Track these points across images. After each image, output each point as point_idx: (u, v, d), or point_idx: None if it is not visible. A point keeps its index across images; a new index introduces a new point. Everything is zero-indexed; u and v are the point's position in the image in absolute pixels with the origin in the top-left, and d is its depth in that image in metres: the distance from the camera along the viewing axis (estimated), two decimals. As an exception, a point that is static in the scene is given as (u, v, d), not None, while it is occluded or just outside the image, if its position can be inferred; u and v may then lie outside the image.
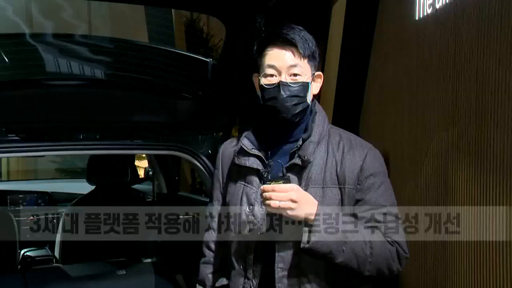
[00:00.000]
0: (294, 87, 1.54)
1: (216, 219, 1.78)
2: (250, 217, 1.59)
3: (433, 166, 2.22)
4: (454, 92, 2.06)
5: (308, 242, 1.46)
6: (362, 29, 2.90)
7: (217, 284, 1.74)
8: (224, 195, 1.73)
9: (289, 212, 1.45)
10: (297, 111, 1.56)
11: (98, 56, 2.58)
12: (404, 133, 2.50)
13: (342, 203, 1.56)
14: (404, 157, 2.49)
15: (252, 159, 1.61)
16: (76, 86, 2.53)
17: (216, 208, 1.78)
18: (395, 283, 2.47)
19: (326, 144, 1.60)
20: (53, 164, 7.52)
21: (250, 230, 1.59)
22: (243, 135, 1.68)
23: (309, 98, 1.59)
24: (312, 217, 1.46)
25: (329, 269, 1.54)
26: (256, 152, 1.61)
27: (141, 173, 5.32)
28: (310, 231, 1.46)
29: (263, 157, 1.60)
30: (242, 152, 1.63)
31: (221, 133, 2.82)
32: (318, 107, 1.67)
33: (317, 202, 1.49)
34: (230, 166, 1.70)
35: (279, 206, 1.44)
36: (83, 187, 4.03)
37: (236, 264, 1.65)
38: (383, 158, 1.65)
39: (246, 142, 1.64)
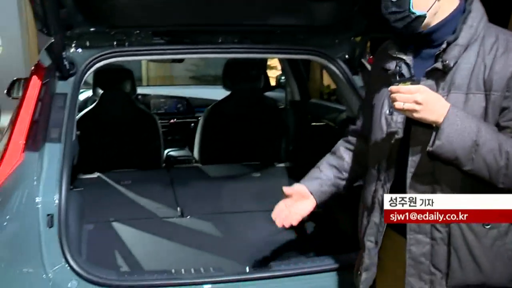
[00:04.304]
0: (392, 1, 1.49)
1: (361, 118, 1.82)
2: (389, 120, 1.57)
3: None
4: None
5: (432, 145, 1.42)
6: None
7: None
8: (372, 98, 1.71)
9: (415, 115, 1.41)
10: (402, 26, 1.49)
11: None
12: None
13: (486, 111, 1.45)
14: None
15: (395, 62, 1.57)
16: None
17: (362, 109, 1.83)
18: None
19: (478, 47, 1.48)
20: (187, 72, 7.86)
21: (387, 133, 1.57)
22: (390, 38, 1.64)
23: (418, 9, 1.47)
24: (440, 120, 1.40)
25: (466, 180, 1.46)
26: (400, 55, 1.57)
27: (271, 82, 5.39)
28: (436, 134, 1.41)
29: (408, 61, 1.55)
30: (387, 55, 1.61)
31: (360, 37, 2.69)
32: (475, 5, 1.53)
33: (449, 105, 1.41)
34: (380, 70, 1.67)
35: (403, 108, 1.41)
36: (216, 93, 4.17)
37: (371, 167, 1.65)
38: None
39: (392, 45, 1.61)
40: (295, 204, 1.79)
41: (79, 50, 2.41)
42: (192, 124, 4.35)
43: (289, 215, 1.77)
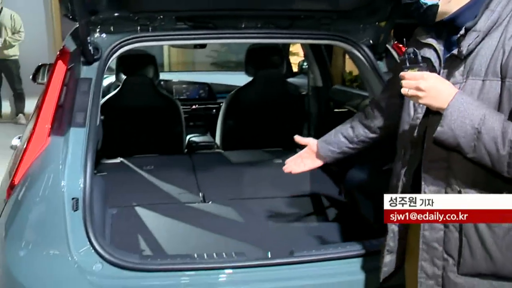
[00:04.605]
0: None
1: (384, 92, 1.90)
2: (416, 105, 1.59)
3: None
4: None
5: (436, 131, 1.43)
6: None
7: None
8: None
9: (419, 101, 1.43)
10: (416, 16, 1.50)
11: None
12: None
13: (501, 98, 1.41)
14: None
15: (424, 49, 1.56)
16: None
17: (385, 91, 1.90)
18: None
19: (501, 32, 1.43)
20: (208, 58, 7.86)
21: (413, 119, 1.59)
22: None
23: None
24: (445, 107, 1.39)
25: (479, 168, 1.43)
26: (429, 41, 1.55)
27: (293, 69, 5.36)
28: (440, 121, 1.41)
29: (437, 47, 1.54)
30: (416, 41, 1.60)
31: (384, 23, 2.65)
32: None
33: (455, 92, 1.40)
34: None
35: (408, 94, 1.43)
36: (238, 79, 4.17)
37: (398, 151, 1.67)
38: None
39: (420, 31, 1.60)
40: (309, 157, 2.02)
41: (104, 35, 2.42)
42: (214, 110, 4.35)
43: (298, 163, 2.02)
